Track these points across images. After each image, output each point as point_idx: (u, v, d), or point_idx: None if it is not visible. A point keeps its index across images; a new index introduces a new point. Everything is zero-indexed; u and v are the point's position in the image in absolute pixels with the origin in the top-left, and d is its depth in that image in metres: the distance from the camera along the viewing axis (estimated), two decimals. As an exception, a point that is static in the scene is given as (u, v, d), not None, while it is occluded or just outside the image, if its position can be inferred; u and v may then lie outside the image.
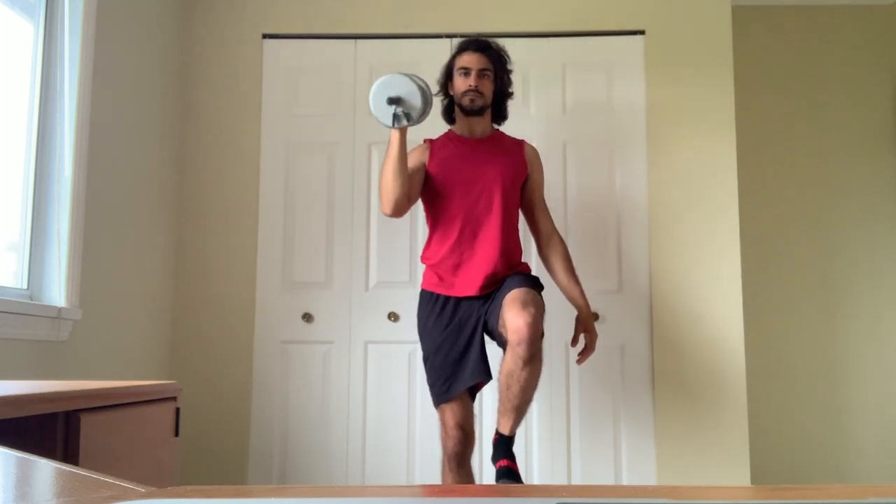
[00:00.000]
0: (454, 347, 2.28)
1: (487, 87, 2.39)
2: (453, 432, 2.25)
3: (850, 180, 3.55)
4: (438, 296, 2.33)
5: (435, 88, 2.53)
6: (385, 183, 2.25)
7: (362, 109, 3.01)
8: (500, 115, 2.49)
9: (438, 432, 2.31)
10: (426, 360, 2.34)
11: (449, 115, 2.49)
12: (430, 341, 2.33)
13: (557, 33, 3.01)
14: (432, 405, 2.34)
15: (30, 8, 2.26)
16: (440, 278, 2.34)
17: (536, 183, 2.45)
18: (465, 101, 2.37)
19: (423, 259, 2.40)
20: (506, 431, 2.15)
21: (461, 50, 2.42)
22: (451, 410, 2.26)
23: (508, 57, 2.45)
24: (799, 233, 3.54)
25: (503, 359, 2.12)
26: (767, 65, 3.61)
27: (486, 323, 2.27)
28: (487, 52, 2.39)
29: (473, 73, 2.36)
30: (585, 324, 2.34)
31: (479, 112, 2.39)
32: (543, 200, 2.47)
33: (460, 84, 2.38)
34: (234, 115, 3.02)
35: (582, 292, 2.36)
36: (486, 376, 2.28)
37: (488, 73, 2.38)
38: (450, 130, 2.48)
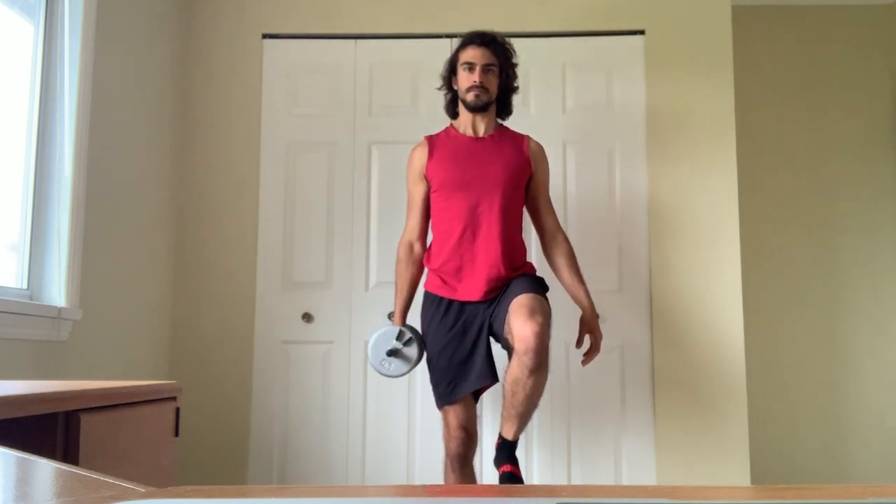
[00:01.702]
0: (459, 350, 2.26)
1: (492, 83, 2.33)
2: (456, 433, 2.24)
3: (850, 180, 3.55)
4: (442, 298, 2.30)
5: (438, 83, 2.50)
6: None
7: (362, 109, 3.02)
8: (505, 110, 2.43)
9: (441, 433, 2.30)
10: (430, 361, 2.32)
11: (451, 110, 2.44)
12: (434, 343, 2.30)
13: (557, 33, 3.01)
14: (434, 406, 2.33)
15: (30, 8, 2.26)
16: (443, 281, 2.30)
17: (541, 180, 2.40)
18: (470, 98, 2.32)
19: (426, 262, 2.37)
20: (509, 436, 2.13)
21: (465, 44, 2.35)
22: (454, 412, 2.25)
23: (514, 50, 2.40)
24: (799, 232, 3.54)
25: (509, 365, 2.10)
26: (767, 65, 3.61)
27: (490, 325, 2.25)
28: (492, 46, 2.34)
29: (478, 69, 2.30)
30: (590, 324, 2.31)
31: (483, 108, 2.34)
32: (548, 198, 2.42)
33: (464, 79, 2.32)
34: (234, 115, 3.02)
35: (586, 292, 2.33)
36: (492, 379, 2.26)
37: (493, 67, 2.33)
38: (450, 126, 2.42)
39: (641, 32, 3.00)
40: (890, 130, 3.56)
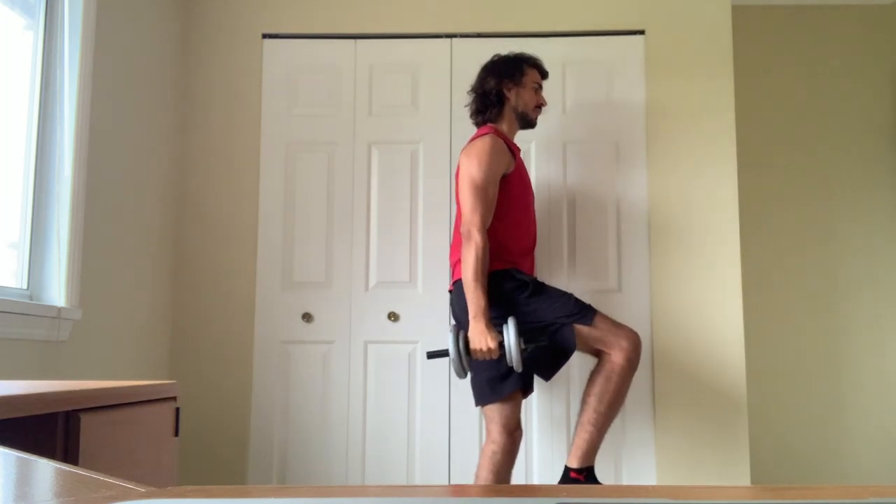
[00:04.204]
0: None
1: None
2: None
3: (850, 179, 3.55)
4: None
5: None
6: (467, 266, 2.26)
7: (362, 109, 3.02)
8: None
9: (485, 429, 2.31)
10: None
11: (492, 114, 2.52)
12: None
13: (557, 33, 3.01)
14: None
15: (30, 8, 2.26)
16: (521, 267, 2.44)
17: None
18: (535, 115, 2.56)
19: (504, 252, 2.41)
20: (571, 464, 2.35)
21: (537, 67, 2.57)
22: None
23: None
24: (799, 232, 3.54)
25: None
26: (767, 65, 3.61)
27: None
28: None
29: (542, 92, 2.59)
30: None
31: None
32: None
33: (534, 98, 2.54)
34: (234, 115, 3.02)
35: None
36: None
37: None
38: (504, 134, 2.50)
39: (641, 32, 3.00)
40: (890, 130, 3.56)
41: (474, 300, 2.23)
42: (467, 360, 2.22)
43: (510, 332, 2.17)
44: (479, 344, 2.19)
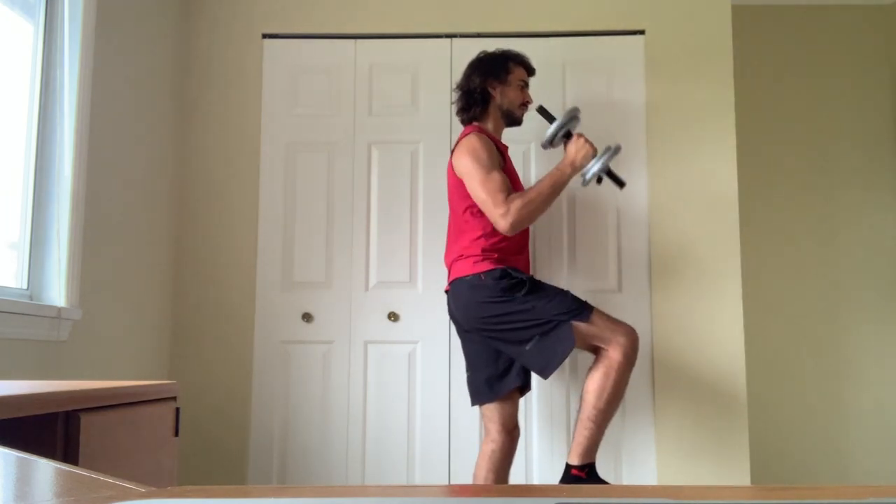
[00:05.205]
0: None
1: None
2: None
3: (850, 179, 3.55)
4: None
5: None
6: (540, 206, 2.32)
7: (362, 109, 3.02)
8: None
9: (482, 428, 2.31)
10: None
11: (476, 113, 2.53)
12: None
13: (557, 33, 3.01)
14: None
15: (30, 8, 2.26)
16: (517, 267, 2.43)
17: None
18: (520, 113, 2.57)
19: (486, 246, 2.40)
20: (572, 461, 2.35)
21: (523, 64, 2.57)
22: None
23: None
24: (799, 232, 3.54)
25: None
26: (767, 65, 3.61)
27: None
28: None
29: (528, 90, 2.59)
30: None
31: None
32: None
33: (520, 95, 2.54)
34: (234, 114, 3.02)
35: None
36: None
37: None
38: (490, 132, 2.51)
39: (641, 32, 3.00)
40: (890, 130, 3.56)
41: (562, 172, 2.40)
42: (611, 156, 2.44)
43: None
44: (583, 149, 2.39)
